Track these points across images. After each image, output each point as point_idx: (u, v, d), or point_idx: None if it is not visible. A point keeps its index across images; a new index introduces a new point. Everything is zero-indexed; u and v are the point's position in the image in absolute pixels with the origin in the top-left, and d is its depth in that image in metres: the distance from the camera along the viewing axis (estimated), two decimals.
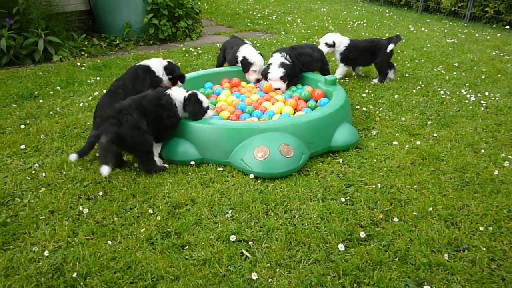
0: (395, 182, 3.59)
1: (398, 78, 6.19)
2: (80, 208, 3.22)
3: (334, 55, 6.18)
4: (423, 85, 5.87)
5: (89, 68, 6.59)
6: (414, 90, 5.69)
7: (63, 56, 6.98)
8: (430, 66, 6.86)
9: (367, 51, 5.96)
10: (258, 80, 5.16)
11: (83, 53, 7.35)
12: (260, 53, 5.21)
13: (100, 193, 3.40)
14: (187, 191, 3.45)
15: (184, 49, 7.87)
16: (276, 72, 4.86)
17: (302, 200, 3.35)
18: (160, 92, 3.84)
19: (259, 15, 11.26)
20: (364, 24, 10.21)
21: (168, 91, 3.85)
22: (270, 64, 4.96)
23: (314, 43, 8.21)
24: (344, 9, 12.51)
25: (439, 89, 5.71)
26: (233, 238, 2.90)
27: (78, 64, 6.79)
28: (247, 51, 5.20)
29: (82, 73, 6.35)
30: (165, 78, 4.55)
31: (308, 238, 2.94)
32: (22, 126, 4.54)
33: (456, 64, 6.91)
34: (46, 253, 2.77)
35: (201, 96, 3.90)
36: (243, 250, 2.83)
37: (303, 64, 5.19)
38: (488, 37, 8.92)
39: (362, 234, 2.94)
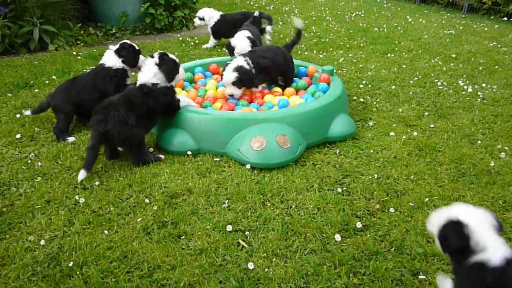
0: (391, 173, 3.59)
1: (396, 69, 6.17)
2: (76, 197, 3.22)
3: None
4: (420, 76, 5.86)
5: (85, 58, 6.54)
6: (411, 81, 5.68)
7: (58, 45, 6.91)
8: (427, 57, 6.84)
9: (239, 23, 6.62)
10: None
11: (79, 42, 7.29)
12: (249, 38, 5.20)
13: (97, 183, 3.39)
14: (183, 181, 3.44)
15: (180, 39, 7.82)
16: (228, 76, 4.30)
17: (299, 191, 3.35)
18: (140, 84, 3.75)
19: (256, 5, 11.19)
20: (362, 15, 10.16)
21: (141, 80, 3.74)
22: (227, 65, 4.41)
23: (312, 33, 8.20)
24: (342, 0, 12.44)
25: (436, 80, 5.70)
26: (229, 228, 2.90)
27: (74, 53, 6.74)
28: (237, 35, 5.43)
29: (78, 62, 6.30)
30: (119, 64, 4.36)
31: (304, 228, 2.94)
32: (18, 116, 4.51)
33: (454, 56, 6.89)
34: (42, 242, 2.77)
35: (171, 55, 3.89)
36: (240, 240, 2.83)
37: (262, 70, 4.53)
38: (486, 29, 8.89)
39: (359, 225, 2.95)
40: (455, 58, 6.79)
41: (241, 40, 5.31)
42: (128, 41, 4.41)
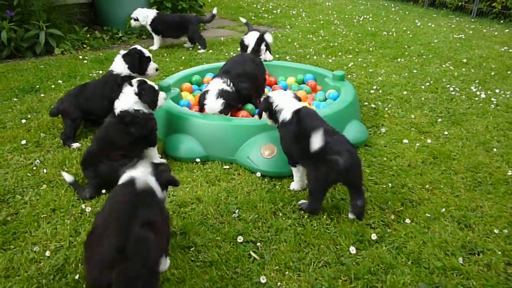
0: (406, 182, 3.49)
1: (406, 74, 6.07)
2: (83, 206, 3.13)
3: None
4: (432, 82, 5.75)
5: (91, 62, 6.48)
6: (422, 87, 5.58)
7: (64, 49, 6.87)
8: (438, 62, 6.74)
9: (175, 25, 7.11)
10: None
11: (85, 46, 7.24)
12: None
13: (103, 191, 3.31)
14: (192, 190, 3.35)
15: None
16: (213, 104, 3.93)
17: None
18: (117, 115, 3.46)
19: (263, 8, 11.13)
20: (370, 19, 10.07)
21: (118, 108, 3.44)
22: (207, 92, 4.01)
23: (320, 37, 8.11)
24: (349, 3, 12.36)
25: (448, 86, 5.59)
26: (240, 239, 2.81)
27: (80, 57, 6.68)
28: (251, 34, 5.53)
29: (84, 66, 6.24)
30: (126, 71, 4.16)
31: (317, 239, 2.84)
32: (23, 121, 4.44)
33: (465, 60, 6.78)
34: (47, 253, 2.68)
35: (150, 82, 3.58)
36: (251, 252, 2.74)
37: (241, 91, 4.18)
38: (495, 33, 8.79)
39: (374, 236, 2.85)
40: (466, 63, 6.68)
41: (255, 39, 5.12)
42: (139, 47, 4.26)
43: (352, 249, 2.73)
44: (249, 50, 5.07)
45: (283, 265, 2.63)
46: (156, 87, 3.53)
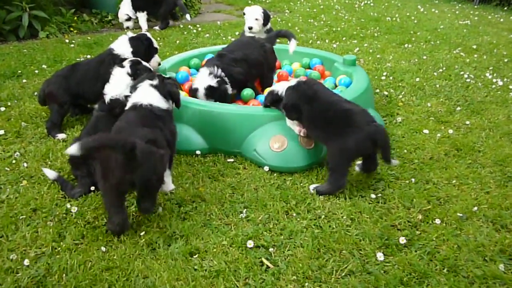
0: (430, 177, 3.14)
1: (416, 60, 5.72)
2: (68, 205, 2.74)
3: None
4: (444, 68, 5.40)
5: (79, 46, 6.03)
6: (435, 73, 5.22)
7: (50, 33, 6.39)
8: (447, 48, 6.39)
9: (151, 1, 6.96)
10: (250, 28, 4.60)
11: (72, 29, 6.76)
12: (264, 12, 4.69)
13: (92, 188, 2.92)
14: (193, 186, 2.98)
15: (182, 26, 7.33)
16: None
17: (326, 197, 2.89)
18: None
19: None
20: (372, 4, 9.69)
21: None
22: (196, 90, 3.61)
23: (322, 22, 7.72)
24: None
25: (462, 73, 5.24)
26: (250, 243, 2.44)
27: (67, 41, 6.22)
28: (252, 7, 4.81)
29: (72, 50, 5.79)
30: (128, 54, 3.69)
31: (338, 243, 2.49)
32: (3, 109, 4.01)
33: (474, 47, 6.44)
34: (26, 262, 2.30)
35: (145, 63, 3.28)
36: (263, 259, 2.37)
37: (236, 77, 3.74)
38: (501, 20, 8.48)
39: (402, 240, 2.49)
40: (476, 49, 6.34)
41: (253, 11, 4.70)
42: (149, 34, 3.86)
43: (380, 255, 2.38)
44: (247, 17, 4.66)
45: (301, 274, 2.28)
46: (152, 69, 3.13)
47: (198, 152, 3.32)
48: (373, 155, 2.98)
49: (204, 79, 3.58)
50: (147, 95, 2.79)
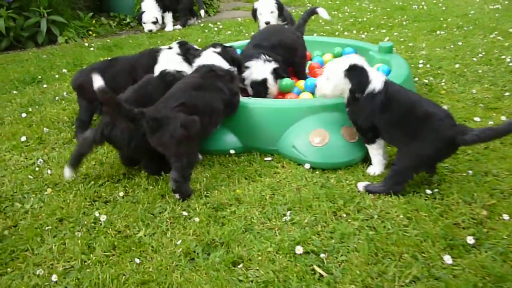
0: (488, 168, 2.84)
1: (452, 46, 5.39)
2: (96, 214, 2.53)
3: None
4: (483, 53, 5.05)
5: (98, 49, 5.88)
6: (474, 59, 4.89)
7: (68, 37, 6.27)
8: (481, 33, 6.02)
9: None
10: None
11: (90, 33, 6.62)
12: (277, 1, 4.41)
13: (121, 194, 2.71)
14: (229, 188, 2.74)
15: (202, 25, 7.13)
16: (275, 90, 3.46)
17: (376, 195, 2.61)
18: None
19: None
20: None
21: None
22: (265, 80, 3.36)
23: (346, 13, 7.43)
24: None
25: (503, 57, 4.89)
26: (299, 249, 2.18)
27: (86, 44, 6.08)
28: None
29: (91, 54, 5.64)
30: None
31: (397, 246, 2.21)
32: (24, 115, 3.85)
33: (511, 30, 6.05)
34: (54, 277, 2.09)
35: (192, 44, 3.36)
36: (315, 266, 2.11)
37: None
38: None
39: (470, 240, 2.20)
40: None
41: (267, 4, 4.42)
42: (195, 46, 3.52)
43: (447, 258, 2.09)
44: (259, 13, 4.44)
45: (360, 283, 2.01)
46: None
47: (232, 151, 3.08)
48: None
49: (262, 67, 3.35)
50: (210, 58, 2.98)
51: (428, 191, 2.60)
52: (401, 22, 6.83)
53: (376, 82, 2.68)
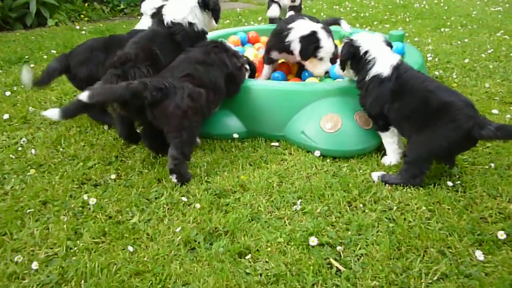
0: (510, 161, 2.64)
1: (459, 43, 5.22)
2: (85, 197, 2.27)
3: None
4: (491, 50, 4.89)
5: (90, 33, 5.60)
6: (483, 55, 4.72)
7: (59, 20, 5.98)
8: (486, 32, 5.88)
9: None
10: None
11: (82, 16, 6.33)
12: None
13: (112, 176, 2.46)
14: (232, 174, 2.50)
15: None
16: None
17: (393, 186, 2.39)
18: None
19: None
20: None
21: None
22: (315, 31, 2.92)
23: (348, 8, 7.26)
24: None
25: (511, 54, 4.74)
26: (314, 241, 1.95)
27: (78, 27, 5.79)
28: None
29: (82, 37, 5.36)
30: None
31: (421, 240, 1.99)
32: (8, 93, 3.56)
33: None
34: (34, 265, 1.84)
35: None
36: (331, 260, 1.88)
37: None
38: None
39: (501, 235, 1.99)
40: None
41: None
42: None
43: (479, 254, 1.88)
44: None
45: (383, 279, 1.78)
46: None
47: (235, 135, 2.84)
48: None
49: (309, 23, 2.97)
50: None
51: (449, 183, 2.40)
52: (404, 18, 6.69)
53: (382, 65, 2.46)
